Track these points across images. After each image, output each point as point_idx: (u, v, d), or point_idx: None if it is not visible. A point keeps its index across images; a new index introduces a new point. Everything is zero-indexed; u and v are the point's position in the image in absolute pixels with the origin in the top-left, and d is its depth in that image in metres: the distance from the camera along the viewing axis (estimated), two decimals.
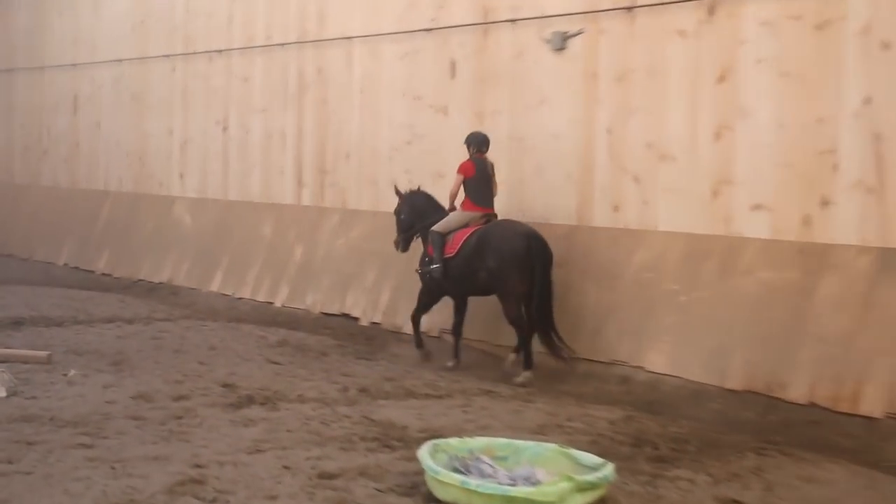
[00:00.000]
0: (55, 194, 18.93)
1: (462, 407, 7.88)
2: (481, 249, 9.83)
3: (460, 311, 10.32)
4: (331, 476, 5.69)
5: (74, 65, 18.40)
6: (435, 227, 10.28)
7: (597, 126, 10.28)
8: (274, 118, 14.25)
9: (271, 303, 13.37)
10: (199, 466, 5.79)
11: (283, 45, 14.09)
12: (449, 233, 10.21)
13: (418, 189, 10.94)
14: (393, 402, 8.00)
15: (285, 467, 5.86)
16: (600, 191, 10.24)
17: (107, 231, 17.24)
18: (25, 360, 8.77)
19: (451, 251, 10.10)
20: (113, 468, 5.70)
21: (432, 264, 10.21)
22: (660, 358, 9.19)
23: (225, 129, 15.13)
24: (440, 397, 8.30)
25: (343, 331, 11.74)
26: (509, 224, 9.97)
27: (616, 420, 7.59)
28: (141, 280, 15.76)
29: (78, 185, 18.45)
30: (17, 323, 11.05)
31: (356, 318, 12.27)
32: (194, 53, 15.66)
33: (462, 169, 10.30)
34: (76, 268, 17.31)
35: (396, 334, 11.61)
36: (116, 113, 17.40)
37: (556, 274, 9.66)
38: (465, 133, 10.68)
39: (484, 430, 6.85)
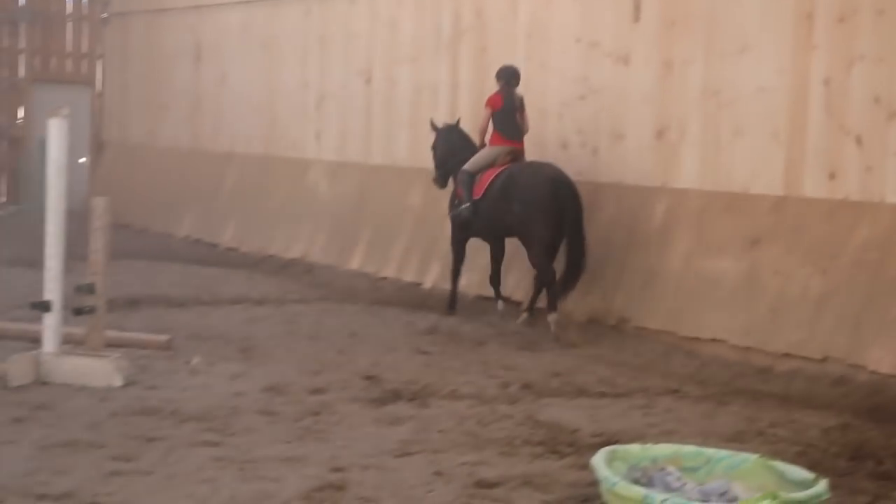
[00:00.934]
0: (175, 156, 19.52)
1: (643, 408, 7.88)
2: (507, 192, 11.10)
3: (496, 258, 11.72)
4: (489, 485, 5.77)
5: (197, 7, 18.89)
6: (464, 167, 11.65)
7: (811, 77, 10.07)
8: (424, 69, 14.39)
9: (420, 283, 13.55)
10: (338, 470, 5.95)
11: None
12: (477, 172, 11.55)
13: (455, 124, 12.33)
14: (561, 400, 8.04)
15: (437, 473, 5.97)
16: (813, 155, 10.04)
17: (232, 199, 17.70)
18: (143, 346, 9.13)
19: (478, 192, 11.45)
20: (242, 469, 5.91)
21: (461, 205, 11.57)
22: (886, 356, 8.98)
23: (368, 81, 15.35)
24: (617, 396, 8.31)
25: (502, 316, 11.82)
26: (536, 166, 11.25)
27: (830, 428, 7.47)
28: (271, 255, 16.13)
29: (200, 145, 18.99)
30: (134, 303, 11.47)
31: (518, 303, 12.34)
32: None
33: (490, 102, 11.71)
34: (198, 240, 17.83)
35: (567, 321, 11.63)
36: (244, 63, 17.82)
37: (755, 253, 9.53)
38: (651, 87, 10.69)
39: (669, 436, 6.83)
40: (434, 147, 12.35)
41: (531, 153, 12.03)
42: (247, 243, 16.88)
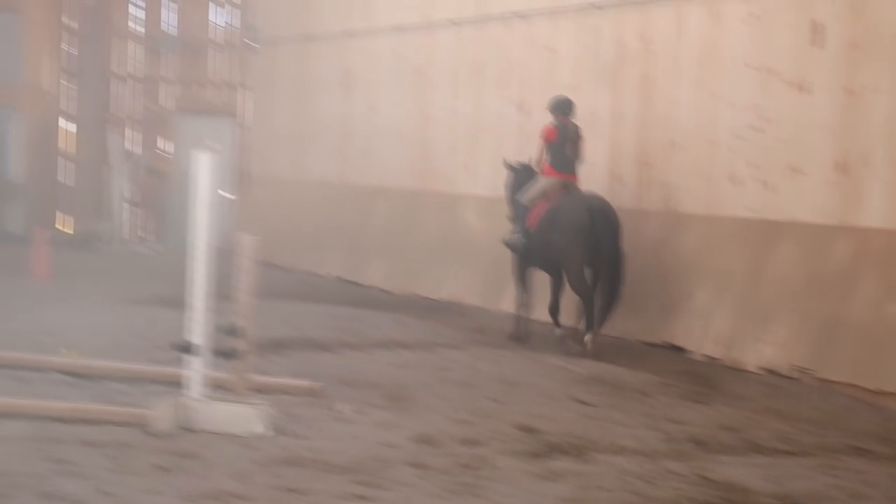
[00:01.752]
0: (321, 191, 19.79)
1: (826, 468, 7.71)
2: (552, 223, 12.36)
3: (555, 289, 12.82)
4: None
5: (347, 33, 19.18)
6: (518, 197, 12.95)
7: None
8: (584, 98, 14.38)
9: (577, 328, 13.50)
10: None
11: (598, 7, 14.20)
12: (531, 203, 12.74)
13: (528, 163, 13.26)
14: (734, 457, 7.93)
15: None
16: None
17: (380, 236, 17.87)
18: (289, 392, 9.25)
19: (532, 223, 12.68)
20: None
21: (518, 235, 12.86)
22: None
23: (523, 111, 15.39)
24: (796, 454, 8.16)
25: (667, 365, 11.71)
26: (578, 196, 12.57)
27: None
28: (420, 296, 16.23)
29: (347, 179, 19.25)
30: (279, 346, 11.62)
31: (684, 350, 12.20)
32: (488, 18, 16.02)
33: (544, 134, 12.86)
34: (344, 280, 18.04)
35: (737, 371, 11.46)
36: (395, 92, 18.01)
37: None
38: (832, 117, 10.54)
39: (857, 501, 6.68)
40: (508, 186, 13.39)
41: (696, 185, 11.95)
42: (395, 283, 17.02)
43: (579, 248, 12.12)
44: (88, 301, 14.28)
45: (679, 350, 12.27)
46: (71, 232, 21.80)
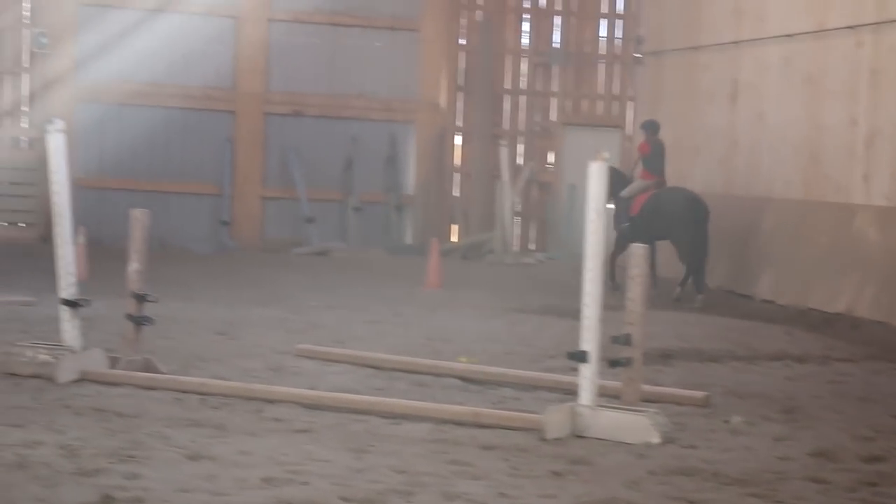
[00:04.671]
0: (707, 201, 19.54)
1: None
2: (656, 208, 16.80)
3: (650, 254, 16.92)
4: None
5: (736, 42, 18.89)
6: (623, 194, 17.09)
7: None
8: None
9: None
10: None
11: None
12: (632, 197, 17.14)
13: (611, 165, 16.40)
14: None
15: None
16: None
17: (769, 247, 17.51)
18: (679, 402, 9.16)
19: (634, 211, 17.00)
20: None
21: (623, 224, 17.08)
22: None
23: None
24: None
25: None
26: (675, 189, 17.32)
27: None
28: (812, 309, 15.82)
29: (733, 190, 18.95)
30: (667, 356, 11.56)
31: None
32: (890, 22, 15.36)
33: (640, 149, 17.76)
34: (731, 291, 17.77)
35: None
36: (784, 101, 17.62)
37: None
38: None
39: None
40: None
41: None
42: (784, 295, 16.64)
43: (684, 227, 16.62)
44: (479, 310, 14.64)
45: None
46: (462, 243, 22.40)
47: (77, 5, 21.36)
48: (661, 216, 16.68)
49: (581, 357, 8.05)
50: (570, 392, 8.55)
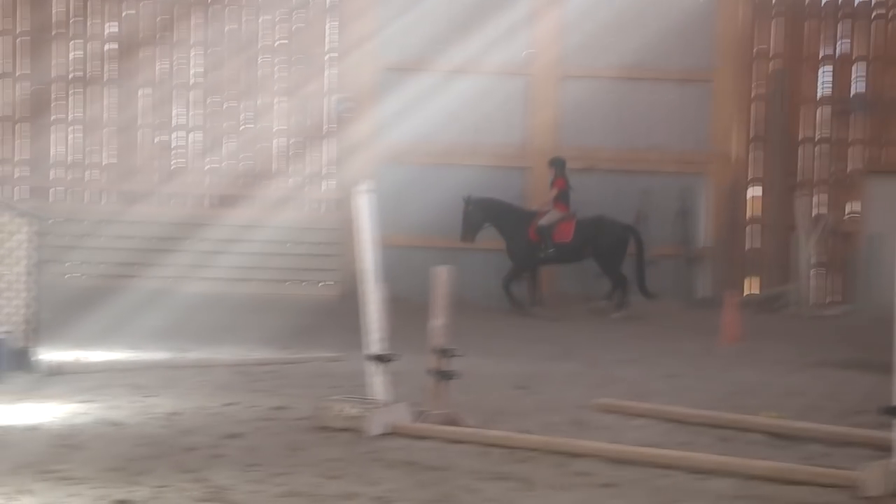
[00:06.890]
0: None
1: None
2: (591, 235, 19.77)
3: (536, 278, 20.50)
4: None
5: None
6: (541, 223, 19.77)
7: None
8: None
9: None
10: None
11: None
12: (552, 225, 19.73)
13: (487, 197, 20.35)
14: None
15: None
16: None
17: None
18: None
19: (566, 237, 19.74)
20: None
21: (548, 249, 19.79)
22: None
23: None
24: None
25: None
26: (603, 218, 20.10)
27: None
28: None
29: None
30: None
31: None
32: None
33: (557, 184, 19.97)
34: None
35: None
36: None
37: None
38: None
39: None
40: (467, 214, 20.22)
41: None
42: None
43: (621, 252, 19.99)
44: (780, 363, 14.29)
45: None
46: (758, 295, 21.90)
47: (379, 71, 22.01)
48: (599, 242, 19.81)
49: (895, 412, 7.73)
50: (883, 449, 8.20)
